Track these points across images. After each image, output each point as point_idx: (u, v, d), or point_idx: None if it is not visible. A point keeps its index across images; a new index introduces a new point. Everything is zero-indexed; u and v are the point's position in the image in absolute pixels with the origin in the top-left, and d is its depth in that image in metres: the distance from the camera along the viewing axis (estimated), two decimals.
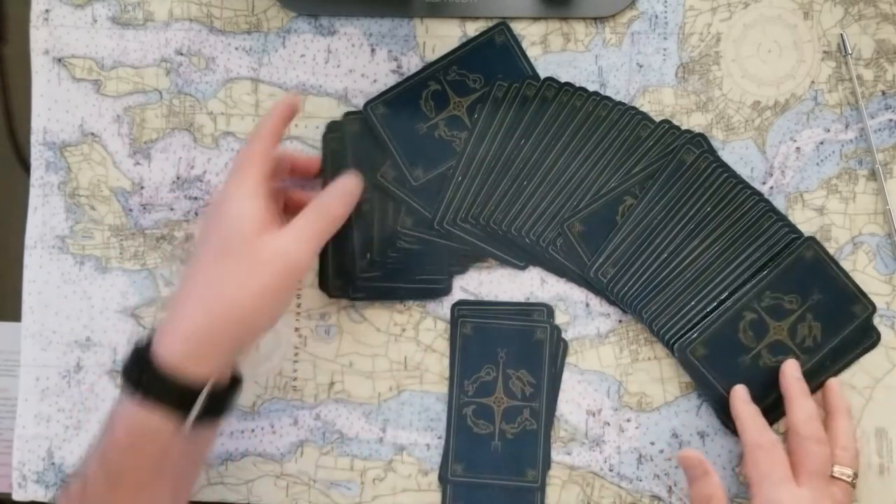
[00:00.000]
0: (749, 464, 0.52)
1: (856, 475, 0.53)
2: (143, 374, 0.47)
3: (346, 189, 0.54)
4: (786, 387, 0.55)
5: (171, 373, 0.47)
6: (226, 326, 0.48)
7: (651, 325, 0.57)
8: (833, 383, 0.56)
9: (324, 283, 0.59)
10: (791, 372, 0.55)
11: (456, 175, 0.59)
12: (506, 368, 0.58)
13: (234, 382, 0.52)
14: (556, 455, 0.58)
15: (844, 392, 0.56)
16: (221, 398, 0.50)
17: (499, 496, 0.57)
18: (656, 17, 0.59)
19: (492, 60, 0.59)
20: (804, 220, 0.58)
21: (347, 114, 0.60)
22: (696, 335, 0.57)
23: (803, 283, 0.57)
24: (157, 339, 0.48)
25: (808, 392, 0.55)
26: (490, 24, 0.60)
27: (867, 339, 0.57)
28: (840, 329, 0.57)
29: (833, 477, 0.52)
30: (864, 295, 0.57)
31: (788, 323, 0.57)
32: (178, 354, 0.47)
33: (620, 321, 0.59)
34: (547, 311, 0.59)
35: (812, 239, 0.57)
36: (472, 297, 0.59)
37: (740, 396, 0.55)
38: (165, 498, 0.49)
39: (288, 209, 0.57)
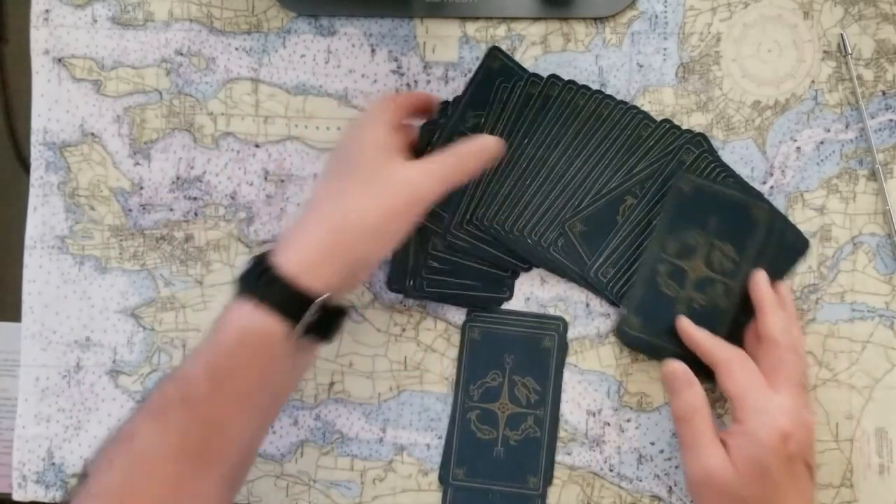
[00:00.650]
0: (725, 378, 0.51)
1: (804, 374, 0.53)
2: (259, 279, 0.47)
3: (484, 146, 0.53)
4: (758, 298, 0.54)
5: (289, 281, 0.47)
6: (345, 240, 0.49)
7: None
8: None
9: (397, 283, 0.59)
10: (762, 283, 0.55)
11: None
12: (512, 375, 0.58)
13: (341, 312, 0.51)
14: (556, 455, 0.58)
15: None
16: (327, 321, 0.50)
17: (499, 502, 0.57)
18: (656, 17, 0.59)
19: (497, 87, 0.59)
20: (804, 220, 0.58)
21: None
22: (624, 310, 0.56)
23: (695, 215, 0.56)
24: (278, 249, 0.48)
25: (779, 302, 0.54)
26: (489, 24, 0.60)
27: (787, 241, 0.57)
28: (751, 239, 0.56)
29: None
30: (758, 196, 0.57)
31: (701, 257, 0.56)
32: (296, 264, 0.47)
33: None
34: (563, 324, 0.58)
35: (679, 172, 0.57)
36: None
37: (688, 324, 0.55)
38: (260, 412, 0.49)
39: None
